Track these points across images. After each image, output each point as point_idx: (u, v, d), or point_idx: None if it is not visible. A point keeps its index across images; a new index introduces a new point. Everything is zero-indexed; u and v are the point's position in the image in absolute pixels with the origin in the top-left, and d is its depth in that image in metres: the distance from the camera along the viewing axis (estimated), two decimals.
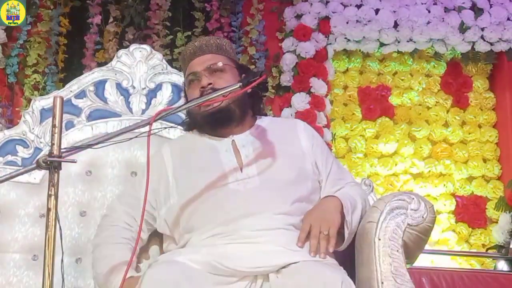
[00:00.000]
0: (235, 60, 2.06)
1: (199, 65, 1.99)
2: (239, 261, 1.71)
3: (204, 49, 2.01)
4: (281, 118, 2.11)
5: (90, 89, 2.31)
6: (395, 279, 1.73)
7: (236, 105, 1.94)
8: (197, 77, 1.97)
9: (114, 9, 4.40)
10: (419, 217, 1.78)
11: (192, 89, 1.99)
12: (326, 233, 1.74)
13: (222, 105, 1.91)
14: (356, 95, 4.62)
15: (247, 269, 1.71)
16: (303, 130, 2.03)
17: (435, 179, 4.51)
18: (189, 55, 2.03)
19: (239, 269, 1.70)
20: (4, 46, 4.23)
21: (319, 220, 1.77)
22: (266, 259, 1.71)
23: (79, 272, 2.11)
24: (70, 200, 2.19)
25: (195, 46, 2.03)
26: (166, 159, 1.99)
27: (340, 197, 1.85)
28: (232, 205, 1.81)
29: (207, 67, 1.97)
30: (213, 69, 1.97)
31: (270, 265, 1.71)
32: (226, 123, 1.95)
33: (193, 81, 1.99)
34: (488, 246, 4.33)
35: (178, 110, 1.78)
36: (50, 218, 1.52)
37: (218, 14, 4.43)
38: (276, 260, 1.71)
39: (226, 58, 2.01)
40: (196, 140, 2.01)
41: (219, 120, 1.94)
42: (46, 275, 1.48)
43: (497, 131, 4.58)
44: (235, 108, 1.94)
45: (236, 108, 1.95)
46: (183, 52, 2.08)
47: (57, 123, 1.55)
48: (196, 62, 2.00)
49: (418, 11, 4.38)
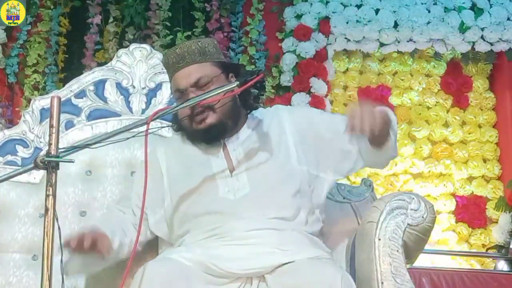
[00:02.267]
0: (220, 62, 1.95)
1: (184, 79, 1.88)
2: (232, 263, 1.71)
3: (186, 58, 1.89)
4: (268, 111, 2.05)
5: (90, 88, 2.31)
6: (395, 279, 1.73)
7: (228, 117, 1.89)
8: (184, 95, 1.89)
9: (114, 9, 4.40)
10: (419, 217, 1.78)
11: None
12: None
13: (213, 121, 1.86)
14: (356, 95, 4.62)
15: (241, 271, 1.71)
16: (287, 121, 1.97)
17: (435, 179, 4.50)
18: (171, 64, 1.92)
19: (232, 271, 1.71)
20: (4, 46, 4.23)
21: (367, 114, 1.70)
22: (259, 261, 1.71)
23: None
24: (70, 200, 2.18)
25: (177, 54, 1.90)
26: (161, 159, 1.99)
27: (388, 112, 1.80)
28: (224, 212, 1.81)
29: (194, 82, 1.87)
30: (200, 84, 1.87)
31: (263, 266, 1.71)
32: (220, 136, 1.91)
33: (180, 99, 1.90)
34: (488, 246, 4.33)
35: (176, 109, 1.78)
36: (48, 218, 1.52)
37: (218, 14, 4.43)
38: (269, 261, 1.71)
39: (211, 65, 1.91)
40: (188, 143, 1.98)
41: (213, 135, 1.90)
42: (45, 275, 1.48)
43: (497, 131, 4.58)
44: (227, 120, 1.89)
45: (228, 120, 1.89)
46: (164, 58, 1.97)
47: (54, 123, 1.55)
48: (180, 76, 1.89)
49: (418, 11, 4.38)
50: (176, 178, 1.94)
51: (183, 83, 1.88)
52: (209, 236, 1.79)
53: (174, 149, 2.01)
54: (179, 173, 1.94)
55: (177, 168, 1.96)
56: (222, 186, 1.85)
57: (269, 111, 2.07)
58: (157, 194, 1.94)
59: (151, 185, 1.86)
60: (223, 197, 1.83)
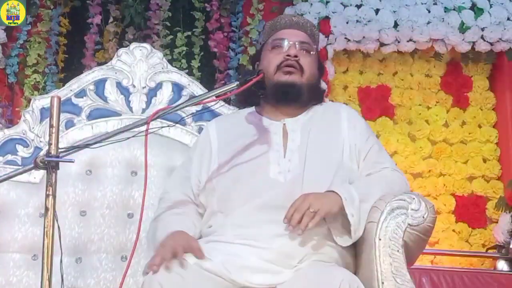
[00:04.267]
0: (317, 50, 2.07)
1: (294, 36, 1.99)
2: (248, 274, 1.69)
3: (301, 25, 2.03)
4: (330, 104, 2.15)
5: (90, 88, 2.31)
6: (396, 279, 1.72)
7: (308, 89, 1.96)
8: (286, 45, 1.96)
9: (114, 9, 4.39)
10: (419, 217, 1.78)
11: (275, 53, 1.97)
12: (312, 211, 1.69)
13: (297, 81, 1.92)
14: (356, 95, 4.62)
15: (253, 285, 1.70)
16: (346, 118, 2.00)
17: (435, 179, 4.50)
18: (283, 24, 2.03)
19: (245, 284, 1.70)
20: (4, 46, 4.22)
21: (311, 200, 1.72)
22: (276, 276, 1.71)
23: (79, 272, 2.11)
24: (70, 200, 2.18)
25: (292, 20, 2.04)
26: (212, 136, 1.99)
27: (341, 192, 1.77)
28: (270, 195, 1.79)
29: (301, 42, 1.98)
30: (304, 48, 1.97)
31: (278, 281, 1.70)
32: (292, 100, 1.94)
33: (279, 46, 1.97)
34: (488, 246, 4.33)
35: (176, 109, 1.78)
36: (48, 218, 1.52)
37: (218, 14, 4.42)
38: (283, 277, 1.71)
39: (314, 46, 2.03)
40: (246, 118, 2.00)
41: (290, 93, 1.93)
42: (45, 275, 1.48)
43: (497, 131, 4.58)
44: (306, 91, 1.95)
45: (307, 92, 1.95)
46: (273, 21, 2.07)
47: (54, 123, 1.55)
48: (291, 32, 2.00)
49: (418, 11, 4.38)
50: (227, 152, 1.92)
51: (292, 37, 1.98)
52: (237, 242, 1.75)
53: (230, 124, 2.03)
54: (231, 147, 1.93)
55: (229, 143, 1.95)
56: (274, 165, 1.85)
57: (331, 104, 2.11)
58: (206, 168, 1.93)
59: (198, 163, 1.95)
60: (273, 178, 1.83)
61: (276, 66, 1.93)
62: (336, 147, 1.92)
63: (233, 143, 1.93)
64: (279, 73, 1.92)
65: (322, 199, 1.74)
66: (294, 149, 1.88)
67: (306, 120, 1.96)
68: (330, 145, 1.92)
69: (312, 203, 1.70)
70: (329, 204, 1.73)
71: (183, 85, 2.36)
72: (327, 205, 1.72)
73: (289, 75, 1.92)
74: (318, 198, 1.73)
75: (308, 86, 1.95)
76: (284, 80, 1.93)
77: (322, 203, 1.72)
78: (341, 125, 1.98)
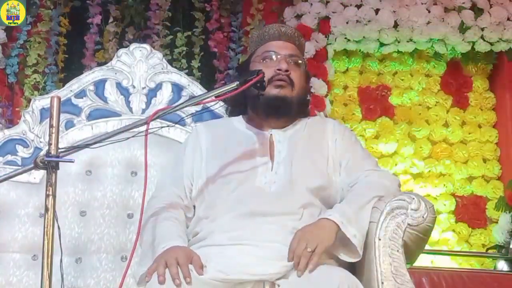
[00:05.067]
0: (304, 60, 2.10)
1: (284, 49, 2.02)
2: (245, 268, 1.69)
3: (289, 36, 2.06)
4: (317, 118, 2.20)
5: (90, 88, 2.31)
6: (395, 279, 1.72)
7: (298, 102, 1.99)
8: (277, 58, 1.99)
9: (114, 9, 4.40)
10: (419, 217, 1.78)
11: (266, 66, 1.98)
12: (310, 250, 1.67)
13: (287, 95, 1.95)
14: (356, 95, 4.62)
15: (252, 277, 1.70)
16: (331, 131, 2.03)
17: (435, 179, 4.50)
18: (271, 34, 2.05)
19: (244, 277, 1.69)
20: (4, 46, 4.22)
21: (308, 237, 1.71)
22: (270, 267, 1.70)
23: (79, 272, 2.11)
24: (70, 200, 2.19)
25: (281, 31, 2.06)
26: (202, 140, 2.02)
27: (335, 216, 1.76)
28: (256, 203, 1.81)
29: (291, 55, 2.01)
30: (294, 61, 2.01)
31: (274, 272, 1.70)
32: (282, 114, 1.98)
33: (270, 59, 2.00)
34: (488, 246, 4.33)
35: (175, 109, 1.78)
36: (48, 218, 1.52)
37: (218, 14, 4.43)
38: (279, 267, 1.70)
39: (302, 57, 2.08)
40: (234, 127, 2.03)
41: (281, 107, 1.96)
42: (45, 275, 1.48)
43: (497, 131, 4.57)
44: (296, 105, 1.99)
45: (297, 105, 1.99)
46: (261, 31, 2.10)
47: (54, 123, 1.55)
48: (281, 45, 2.03)
49: (418, 11, 4.37)
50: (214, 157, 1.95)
51: (282, 50, 2.02)
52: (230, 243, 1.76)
53: (219, 129, 2.05)
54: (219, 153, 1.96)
55: (217, 148, 1.98)
56: (261, 175, 1.88)
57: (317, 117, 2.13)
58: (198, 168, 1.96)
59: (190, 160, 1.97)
60: (259, 187, 1.86)
61: (267, 80, 1.93)
62: (322, 159, 1.96)
63: (221, 152, 1.96)
64: (270, 87, 1.94)
65: (318, 232, 1.72)
66: (280, 161, 1.92)
67: (293, 132, 2.01)
68: (315, 157, 1.95)
69: (308, 241, 1.69)
70: (326, 237, 1.72)
71: (183, 86, 2.36)
72: (324, 239, 1.71)
73: (280, 88, 1.96)
74: (313, 233, 1.72)
75: (297, 100, 2.00)
76: (275, 93, 1.96)
77: (319, 238, 1.70)
78: (326, 138, 2.01)
